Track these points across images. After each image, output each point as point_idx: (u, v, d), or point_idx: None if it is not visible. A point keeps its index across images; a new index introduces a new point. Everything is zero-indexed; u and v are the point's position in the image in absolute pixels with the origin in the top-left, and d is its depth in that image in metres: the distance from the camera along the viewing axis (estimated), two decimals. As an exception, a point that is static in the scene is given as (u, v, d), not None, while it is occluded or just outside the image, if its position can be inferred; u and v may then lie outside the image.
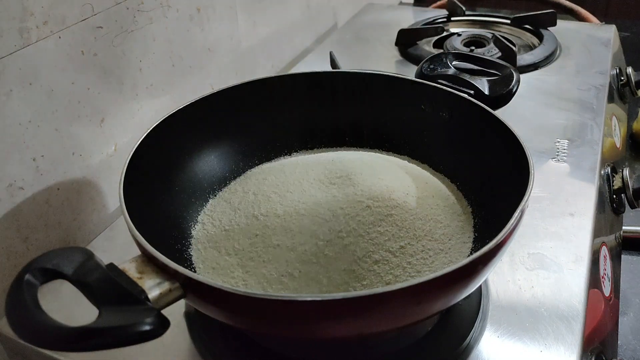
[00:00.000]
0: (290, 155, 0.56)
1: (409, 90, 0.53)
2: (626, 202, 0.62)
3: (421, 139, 0.53)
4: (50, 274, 0.30)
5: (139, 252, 0.34)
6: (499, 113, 0.46)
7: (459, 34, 0.86)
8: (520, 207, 0.36)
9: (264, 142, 0.55)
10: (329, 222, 0.42)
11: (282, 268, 0.40)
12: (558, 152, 0.62)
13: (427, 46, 0.88)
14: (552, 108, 0.71)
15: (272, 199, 0.46)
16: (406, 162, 0.53)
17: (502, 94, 0.60)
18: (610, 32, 0.92)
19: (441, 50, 0.81)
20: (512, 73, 0.68)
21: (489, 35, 0.84)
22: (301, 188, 0.46)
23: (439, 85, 0.53)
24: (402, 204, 0.43)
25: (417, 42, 0.88)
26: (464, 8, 0.97)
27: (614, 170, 0.63)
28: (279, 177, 0.49)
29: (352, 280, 0.39)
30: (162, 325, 0.29)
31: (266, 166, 0.53)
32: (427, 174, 0.51)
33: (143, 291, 0.31)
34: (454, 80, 0.68)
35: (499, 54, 0.79)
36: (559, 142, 0.64)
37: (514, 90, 0.60)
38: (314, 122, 0.56)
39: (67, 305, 0.43)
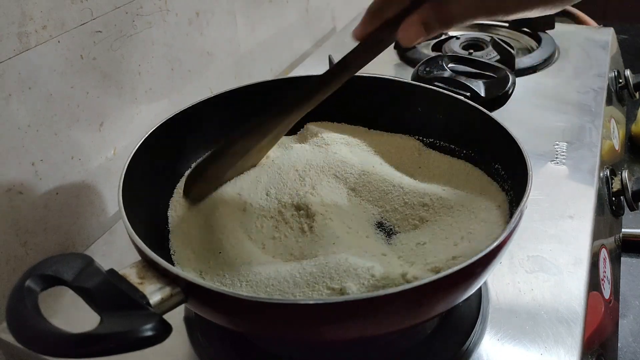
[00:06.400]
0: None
1: (405, 92, 0.54)
2: (625, 204, 0.62)
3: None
4: (51, 280, 0.30)
5: (139, 257, 0.34)
6: (497, 116, 0.46)
7: (457, 37, 0.86)
8: (519, 209, 0.36)
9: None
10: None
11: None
12: (557, 154, 0.62)
13: (425, 49, 0.88)
14: (551, 111, 0.71)
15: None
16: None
17: (498, 96, 0.60)
18: (608, 35, 0.92)
19: (440, 53, 0.81)
20: (508, 75, 0.68)
21: (487, 38, 0.84)
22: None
23: (434, 88, 0.53)
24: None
25: (415, 45, 0.88)
26: (462, 11, 0.97)
27: (613, 173, 0.63)
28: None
29: None
30: (164, 330, 0.29)
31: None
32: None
33: (144, 296, 0.31)
34: (450, 82, 0.68)
35: (498, 57, 0.79)
36: (557, 144, 0.64)
37: (509, 92, 0.60)
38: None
39: (68, 311, 0.43)
